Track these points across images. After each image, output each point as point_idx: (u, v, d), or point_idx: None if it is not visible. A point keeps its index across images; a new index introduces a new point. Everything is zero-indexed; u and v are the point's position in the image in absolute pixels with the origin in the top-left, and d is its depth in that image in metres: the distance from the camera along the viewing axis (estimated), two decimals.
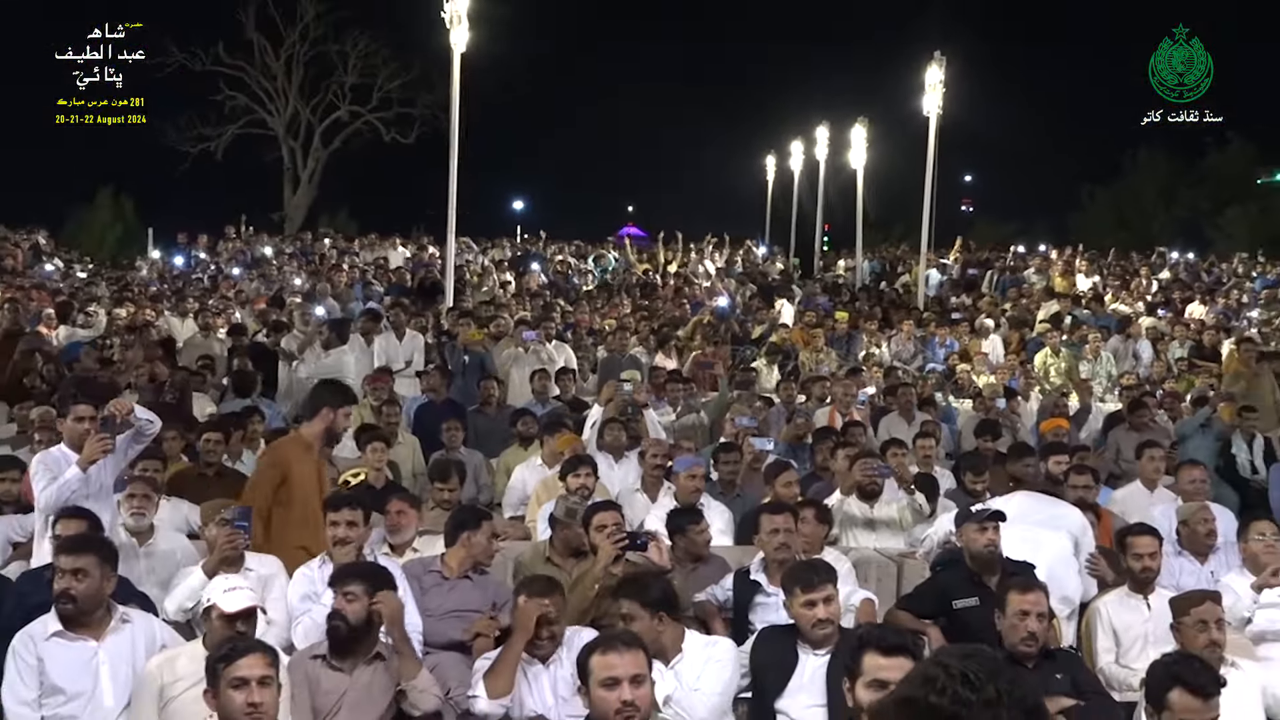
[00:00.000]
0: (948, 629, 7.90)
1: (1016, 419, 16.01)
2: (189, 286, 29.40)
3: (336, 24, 50.60)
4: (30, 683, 6.43)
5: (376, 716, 6.62)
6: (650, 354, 19.49)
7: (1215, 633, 6.99)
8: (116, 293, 27.07)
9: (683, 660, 6.78)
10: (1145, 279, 36.55)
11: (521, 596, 6.99)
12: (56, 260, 36.01)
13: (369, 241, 44.72)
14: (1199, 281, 37.94)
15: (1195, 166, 62.97)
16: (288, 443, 9.42)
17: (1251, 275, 39.29)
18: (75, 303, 22.27)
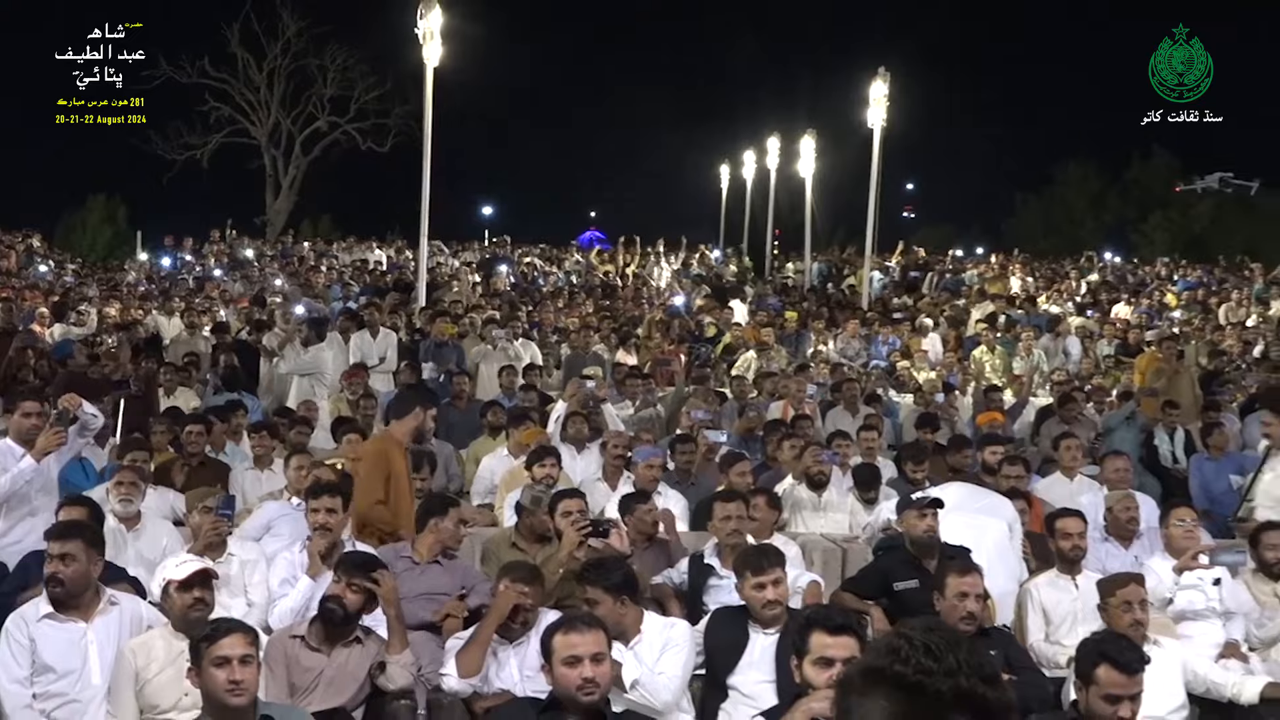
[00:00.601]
0: (889, 609, 7.92)
1: (954, 412, 16.06)
2: (175, 287, 29.27)
3: (316, 39, 50.61)
4: (23, 662, 6.39)
5: (352, 693, 6.60)
6: (611, 351, 19.51)
7: (1139, 613, 7.02)
8: (106, 292, 26.92)
9: (641, 641, 6.77)
10: (1074, 281, 36.79)
11: (504, 582, 6.97)
12: (50, 262, 35.81)
13: (346, 245, 44.66)
14: (1124, 284, 38.16)
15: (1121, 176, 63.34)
16: (387, 441, 9.34)
17: (1173, 278, 39.55)
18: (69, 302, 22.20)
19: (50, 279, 30.45)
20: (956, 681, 2.44)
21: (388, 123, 49.19)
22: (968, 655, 2.48)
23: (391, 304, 23.20)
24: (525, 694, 6.35)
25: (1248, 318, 30.12)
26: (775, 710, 5.70)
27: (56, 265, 35.48)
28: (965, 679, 2.45)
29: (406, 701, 6.67)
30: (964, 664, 2.46)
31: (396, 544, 8.38)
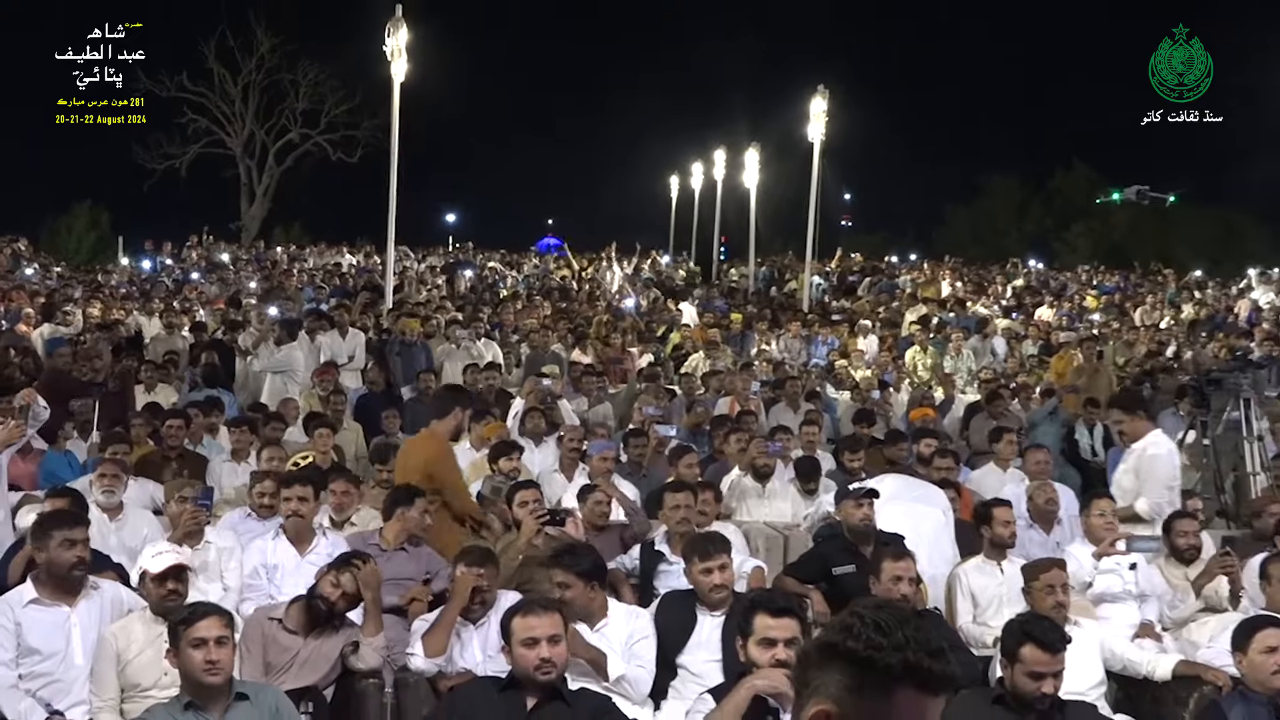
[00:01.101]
0: (828, 593, 7.93)
1: (889, 408, 16.15)
2: (155, 289, 29.06)
3: (288, 55, 50.64)
4: (8, 645, 6.34)
5: (324, 673, 6.59)
6: (568, 350, 19.49)
7: (1061, 595, 7.06)
8: (89, 294, 26.73)
9: (608, 625, 6.77)
10: (1000, 286, 36.98)
11: (460, 566, 6.98)
12: (35, 265, 35.54)
13: (318, 249, 44.52)
14: (1046, 288, 38.41)
15: (1044, 188, 63.80)
16: (437, 439, 9.22)
17: (1092, 283, 39.83)
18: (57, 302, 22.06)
19: (36, 281, 30.19)
20: (904, 655, 2.52)
21: (356, 135, 49.10)
22: (915, 631, 2.56)
23: (361, 305, 23.14)
24: (486, 673, 6.34)
25: (1161, 320, 30.41)
26: (721, 688, 5.71)
27: (42, 268, 35.21)
28: (912, 653, 2.52)
29: (375, 680, 6.66)
30: (911, 639, 2.53)
31: (365, 533, 8.36)
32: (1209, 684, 6.54)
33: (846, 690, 2.54)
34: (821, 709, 2.55)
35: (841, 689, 2.54)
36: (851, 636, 2.56)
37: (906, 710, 2.53)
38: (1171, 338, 25.90)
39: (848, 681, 2.54)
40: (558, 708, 5.57)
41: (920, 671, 2.52)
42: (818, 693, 2.57)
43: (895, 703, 2.52)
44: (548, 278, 37.82)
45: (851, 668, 2.54)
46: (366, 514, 9.11)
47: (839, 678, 2.56)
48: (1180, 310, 33.14)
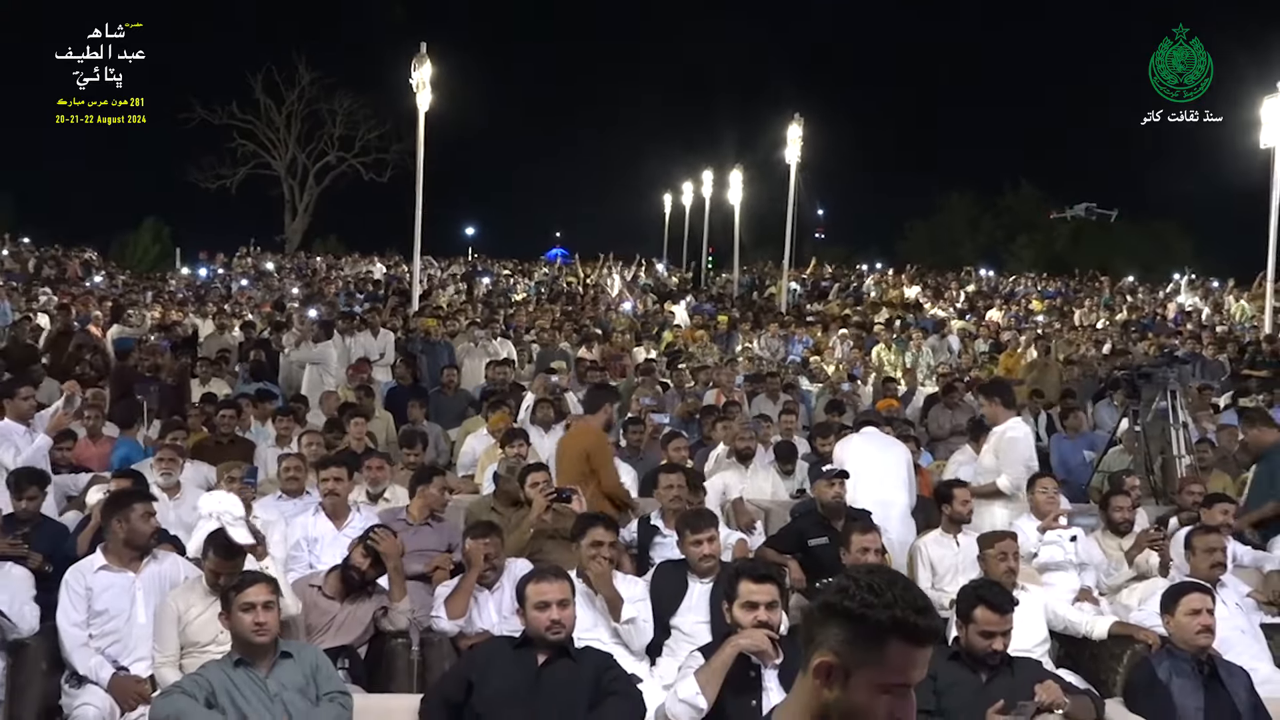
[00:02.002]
0: (804, 562, 7.92)
1: (857, 399, 16.14)
2: (209, 294, 29.13)
3: (326, 88, 50.93)
4: (80, 607, 6.34)
5: (358, 634, 6.59)
6: (574, 348, 19.48)
7: (1012, 562, 7.07)
8: (152, 299, 26.74)
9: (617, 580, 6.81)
10: (955, 291, 37.03)
11: (468, 540, 7.02)
12: (103, 273, 35.57)
13: (352, 259, 44.56)
14: (996, 293, 38.47)
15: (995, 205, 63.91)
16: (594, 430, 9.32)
17: (1036, 289, 39.87)
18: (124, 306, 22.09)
19: (104, 288, 30.19)
20: (893, 612, 2.60)
21: (386, 157, 49.18)
22: (903, 591, 2.64)
23: (391, 308, 23.15)
24: (502, 633, 6.33)
25: (1098, 321, 30.44)
26: (710, 646, 5.71)
27: (109, 276, 35.20)
28: (900, 610, 2.60)
29: (403, 640, 6.66)
30: (900, 598, 2.62)
31: (394, 509, 8.36)
32: (1140, 643, 6.54)
33: (844, 643, 2.62)
34: (824, 660, 2.64)
35: (840, 642, 2.63)
36: (848, 597, 2.63)
37: (897, 659, 2.61)
38: (1107, 336, 25.92)
39: (845, 635, 2.63)
40: (566, 664, 5.56)
41: (908, 625, 2.60)
42: (820, 646, 2.66)
43: (887, 653, 2.61)
44: (556, 284, 37.87)
45: (848, 624, 2.62)
46: (398, 492, 9.11)
47: (837, 632, 2.64)
48: (1115, 312, 33.18)
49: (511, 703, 5.37)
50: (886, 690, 2.61)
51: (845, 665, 2.62)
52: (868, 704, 2.61)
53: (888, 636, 2.60)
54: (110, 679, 6.15)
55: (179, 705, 5.24)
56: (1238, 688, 5.83)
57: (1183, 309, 33.50)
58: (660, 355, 19.85)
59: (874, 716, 2.62)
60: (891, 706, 2.62)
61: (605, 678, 5.56)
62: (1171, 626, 6.02)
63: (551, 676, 5.51)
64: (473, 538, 7.01)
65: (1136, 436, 11.85)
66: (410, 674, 6.56)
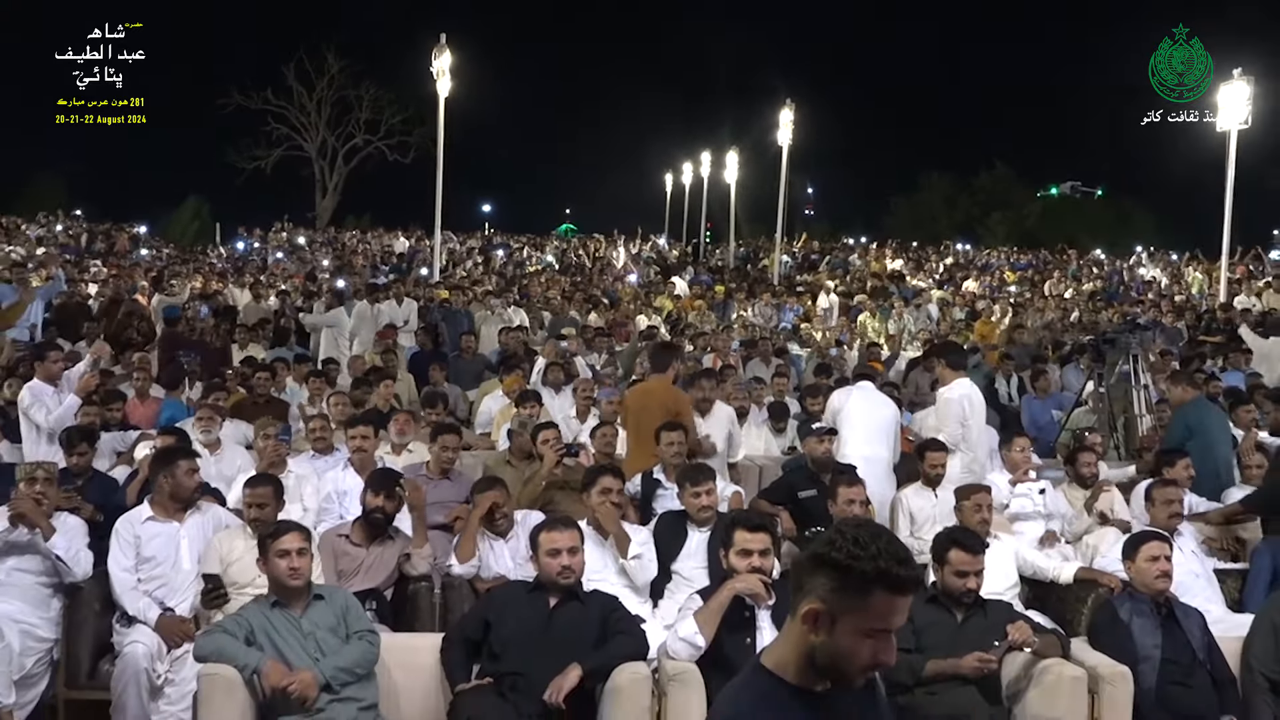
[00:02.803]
0: (794, 512, 7.93)
1: (844, 363, 16.10)
2: (247, 266, 29.09)
3: (354, 76, 50.61)
4: (129, 554, 6.35)
5: (384, 578, 6.60)
6: (583, 316, 19.49)
7: (985, 513, 7.07)
8: (193, 270, 26.73)
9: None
10: (934, 263, 36.96)
11: (476, 495, 7.05)
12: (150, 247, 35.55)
13: (377, 234, 44.48)
14: (972, 265, 38.38)
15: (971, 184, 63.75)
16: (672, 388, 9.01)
17: (1009, 262, 39.77)
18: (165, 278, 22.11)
19: (149, 261, 30.15)
20: (877, 563, 2.60)
21: (409, 140, 48.92)
22: (886, 544, 2.63)
23: (414, 279, 23.13)
24: (517, 578, 6.35)
25: (1066, 291, 30.40)
26: (707, 589, 5.73)
27: (154, 249, 35.17)
28: (884, 561, 2.60)
29: (426, 583, 6.67)
30: (883, 550, 2.61)
31: (416, 464, 8.36)
32: (1103, 586, 6.55)
33: (831, 592, 2.63)
34: (812, 607, 2.64)
35: (827, 591, 2.63)
36: (835, 549, 2.63)
37: (880, 606, 2.62)
38: (1074, 305, 25.89)
39: (832, 584, 2.63)
40: (575, 606, 5.58)
41: (890, 576, 2.60)
42: (808, 594, 2.66)
43: (871, 601, 2.61)
44: (566, 256, 37.81)
45: (835, 574, 2.63)
46: (420, 448, 9.10)
47: (825, 581, 2.64)
48: (1081, 283, 33.12)
49: (525, 641, 5.39)
50: (870, 635, 2.63)
51: (832, 612, 2.62)
52: (852, 647, 2.63)
53: (872, 586, 2.60)
54: (157, 619, 6.17)
55: (220, 642, 5.26)
56: (1193, 627, 5.84)
57: (1144, 280, 33.46)
58: (663, 322, 19.85)
59: (858, 659, 2.64)
60: (874, 650, 2.64)
61: (611, 618, 5.58)
62: (1132, 571, 6.02)
63: (562, 617, 5.52)
64: (478, 490, 7.06)
65: (1101, 397, 11.85)
66: (432, 615, 6.57)
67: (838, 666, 2.66)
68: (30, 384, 8.70)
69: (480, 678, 5.39)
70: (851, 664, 2.65)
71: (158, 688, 6.01)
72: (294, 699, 5.10)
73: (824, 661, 2.66)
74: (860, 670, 2.67)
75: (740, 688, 2.78)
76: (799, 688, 2.69)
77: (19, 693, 6.00)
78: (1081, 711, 5.45)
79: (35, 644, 6.14)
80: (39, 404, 8.41)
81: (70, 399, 8.54)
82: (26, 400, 8.47)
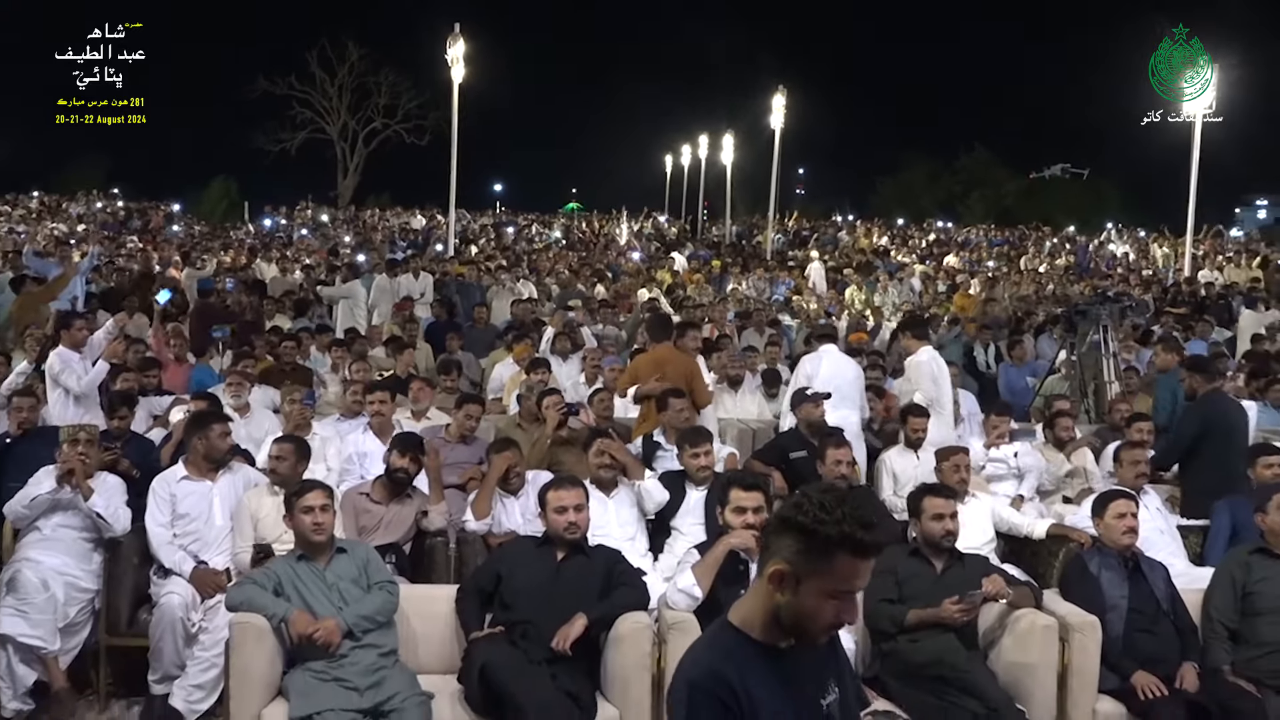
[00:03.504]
0: (785, 472, 7.91)
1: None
2: (273, 242, 29.05)
3: (373, 63, 50.66)
4: (165, 511, 6.36)
5: (403, 533, 6.60)
6: (589, 289, 19.45)
7: (964, 473, 7.07)
8: (221, 245, 26.70)
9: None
10: (917, 239, 36.89)
11: (492, 455, 7.04)
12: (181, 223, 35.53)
13: (395, 212, 44.43)
14: (952, 241, 38.31)
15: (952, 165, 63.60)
16: (687, 355, 9.11)
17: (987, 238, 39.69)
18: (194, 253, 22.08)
19: (182, 235, 30.14)
20: (842, 528, 2.55)
21: (425, 124, 48.83)
22: (851, 509, 2.58)
23: (430, 255, 23.11)
24: (526, 534, 6.36)
25: (1040, 266, 30.37)
26: (704, 544, 5.74)
27: (186, 226, 35.15)
28: (848, 525, 2.56)
29: (442, 539, 6.68)
30: (848, 515, 2.57)
31: (435, 427, 8.36)
32: (1074, 542, 6.55)
33: (797, 554, 2.59)
34: (778, 568, 2.61)
35: (793, 552, 2.59)
36: (801, 512, 2.59)
37: (843, 569, 2.58)
38: (1049, 279, 25.85)
39: (798, 546, 2.59)
40: (580, 559, 5.59)
41: (854, 540, 2.56)
42: (775, 555, 2.63)
43: (835, 564, 2.57)
44: (571, 233, 37.74)
45: (801, 536, 2.59)
46: (436, 412, 9.10)
47: (791, 543, 2.60)
48: (1055, 259, 33.07)
49: (534, 592, 5.40)
50: (833, 596, 2.60)
51: (797, 573, 2.59)
52: (816, 607, 2.60)
53: (836, 550, 2.56)
54: (191, 571, 6.19)
55: (250, 593, 5.28)
56: (1157, 580, 5.85)
57: (1114, 256, 33.40)
58: (662, 295, 19.82)
59: (821, 618, 2.62)
60: (837, 609, 2.61)
61: (614, 570, 5.59)
62: (1101, 528, 6.03)
63: (569, 570, 5.53)
64: (494, 451, 7.06)
65: (1073, 365, 11.84)
66: (448, 568, 6.59)
67: (801, 625, 2.63)
68: (57, 350, 8.63)
69: (492, 626, 5.40)
70: (815, 623, 2.62)
71: (192, 635, 6.03)
72: (319, 645, 5.12)
73: (788, 620, 2.63)
74: (823, 629, 2.65)
75: (707, 643, 2.76)
76: (763, 643, 2.67)
77: (64, 639, 6.03)
78: (1052, 657, 5.46)
79: (79, 594, 6.16)
80: (69, 369, 8.38)
81: (100, 364, 8.50)
82: (56, 366, 8.42)
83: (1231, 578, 5.84)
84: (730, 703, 2.59)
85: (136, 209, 38.42)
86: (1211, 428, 7.97)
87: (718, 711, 2.59)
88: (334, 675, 5.09)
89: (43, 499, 6.25)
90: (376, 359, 11.91)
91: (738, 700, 2.59)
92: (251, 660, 5.14)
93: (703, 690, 2.61)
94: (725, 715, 2.59)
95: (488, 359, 13.01)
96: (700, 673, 2.64)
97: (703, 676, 2.63)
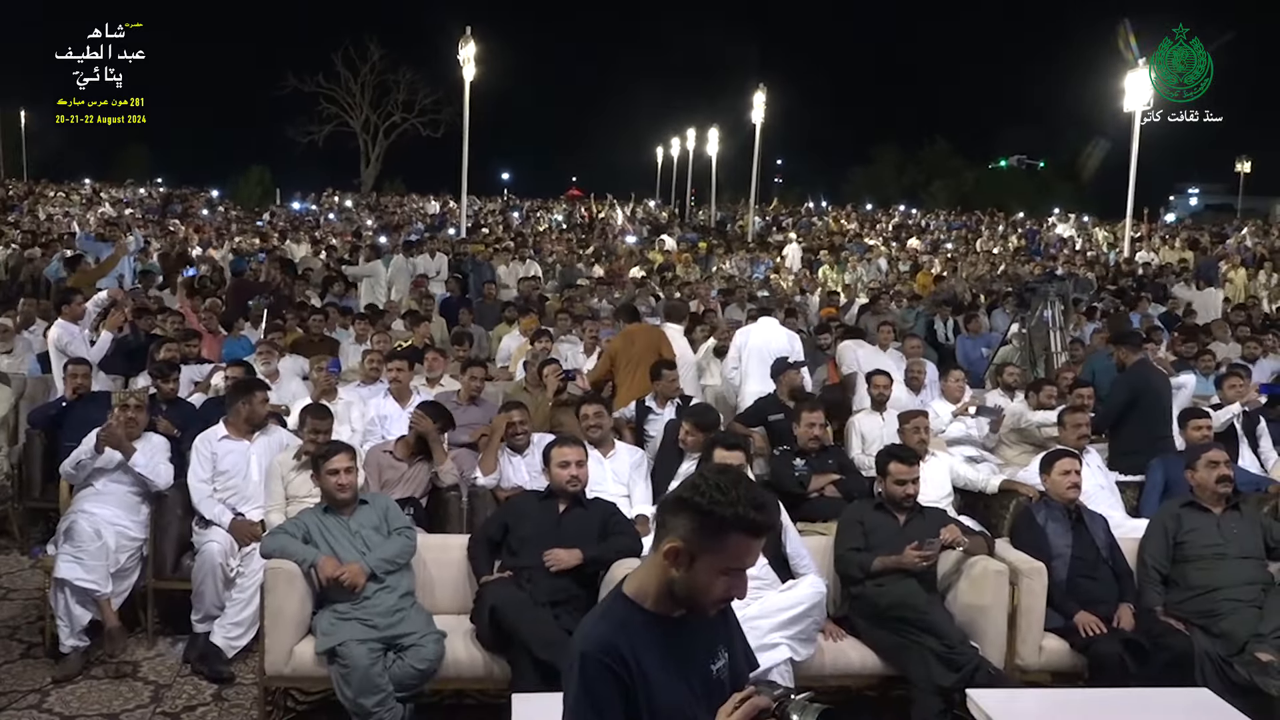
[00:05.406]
0: (766, 433, 7.93)
1: (807, 308, 16.09)
2: (303, 225, 28.93)
3: (392, 62, 50.41)
4: (206, 468, 6.35)
5: (420, 487, 6.59)
6: (588, 268, 19.41)
7: (924, 434, 7.08)
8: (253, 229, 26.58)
9: (616, 455, 6.77)
10: (884, 223, 36.80)
11: (500, 414, 7.05)
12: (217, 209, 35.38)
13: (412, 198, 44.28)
14: (915, 225, 38.25)
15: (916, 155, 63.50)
16: (647, 328, 9.21)
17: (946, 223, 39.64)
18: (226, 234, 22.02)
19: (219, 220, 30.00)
20: (736, 510, 2.46)
21: (439, 118, 48.50)
22: (745, 491, 2.49)
23: (443, 237, 23.03)
24: (531, 488, 6.36)
25: (994, 248, 30.33)
26: None
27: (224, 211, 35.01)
28: (742, 507, 2.46)
29: (455, 493, 6.67)
30: (742, 497, 2.48)
31: (448, 392, 8.34)
32: (1023, 495, 6.57)
33: (692, 532, 2.49)
34: (673, 545, 2.51)
35: (689, 531, 2.49)
36: (698, 493, 2.50)
37: (736, 548, 2.49)
38: (1002, 260, 25.83)
39: (693, 525, 2.49)
40: (580, 511, 5.60)
41: (747, 521, 2.47)
42: (671, 532, 2.53)
43: (727, 543, 2.48)
44: (572, 217, 37.64)
45: (697, 516, 2.49)
46: (450, 380, 9.08)
47: (687, 523, 2.50)
48: (1009, 241, 33.03)
49: (539, 540, 5.41)
50: (725, 573, 2.50)
51: (691, 551, 2.49)
52: (708, 583, 2.50)
53: (730, 529, 2.46)
54: (230, 522, 6.19)
55: (282, 541, 5.29)
56: (1097, 530, 5.87)
57: (1060, 238, 33.36)
58: (654, 273, 19.80)
59: (712, 593, 2.51)
60: (728, 585, 2.51)
61: (611, 521, 5.60)
62: (1047, 483, 6.04)
63: (570, 520, 5.54)
64: (501, 411, 7.08)
65: (1024, 337, 11.84)
66: (460, 519, 6.58)
67: (694, 599, 2.53)
68: (59, 323, 8.54)
69: (501, 571, 5.42)
70: (706, 597, 2.53)
71: (230, 579, 6.04)
72: (345, 586, 5.13)
73: (681, 594, 2.53)
74: (714, 603, 2.56)
75: (601, 614, 2.64)
76: (656, 614, 2.57)
77: (115, 583, 6.03)
78: (1003, 600, 5.48)
79: (128, 542, 6.16)
80: (76, 340, 8.36)
81: (105, 335, 8.55)
82: (63, 339, 8.37)
83: (1164, 528, 5.86)
84: (621, 672, 2.49)
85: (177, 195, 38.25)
86: (1139, 395, 8.01)
87: (609, 681, 2.49)
88: (358, 615, 5.10)
89: (86, 461, 6.25)
90: (395, 331, 11.88)
91: (629, 669, 2.50)
92: (284, 601, 5.15)
93: (594, 661, 2.50)
94: (617, 684, 2.49)
95: (495, 331, 12.99)
96: (592, 645, 2.53)
97: (594, 648, 2.52)
